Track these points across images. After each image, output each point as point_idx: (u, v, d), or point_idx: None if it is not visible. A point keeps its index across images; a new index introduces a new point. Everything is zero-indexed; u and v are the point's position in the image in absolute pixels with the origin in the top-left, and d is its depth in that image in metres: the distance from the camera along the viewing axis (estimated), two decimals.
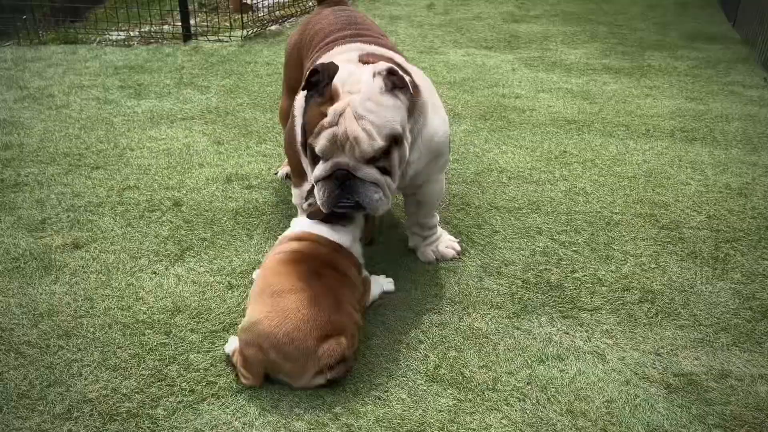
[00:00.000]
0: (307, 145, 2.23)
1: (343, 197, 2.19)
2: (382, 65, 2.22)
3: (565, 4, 7.95)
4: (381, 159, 2.18)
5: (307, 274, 2.16)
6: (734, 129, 4.12)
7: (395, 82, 2.20)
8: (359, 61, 2.34)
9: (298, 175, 2.68)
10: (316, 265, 2.20)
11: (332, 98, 2.15)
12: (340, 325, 2.07)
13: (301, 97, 2.37)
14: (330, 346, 2.01)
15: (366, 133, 2.11)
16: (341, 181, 2.16)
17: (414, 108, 2.35)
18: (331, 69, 2.18)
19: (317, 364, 2.01)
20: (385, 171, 2.22)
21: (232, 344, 2.18)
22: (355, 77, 2.19)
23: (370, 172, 2.17)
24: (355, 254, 2.38)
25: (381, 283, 2.56)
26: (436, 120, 2.50)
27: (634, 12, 7.53)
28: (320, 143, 2.14)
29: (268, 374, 2.09)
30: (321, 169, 2.18)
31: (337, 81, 2.17)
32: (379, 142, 2.13)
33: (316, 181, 2.22)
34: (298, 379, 2.06)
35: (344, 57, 2.37)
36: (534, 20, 7.15)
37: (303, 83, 2.22)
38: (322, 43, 2.74)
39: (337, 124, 2.12)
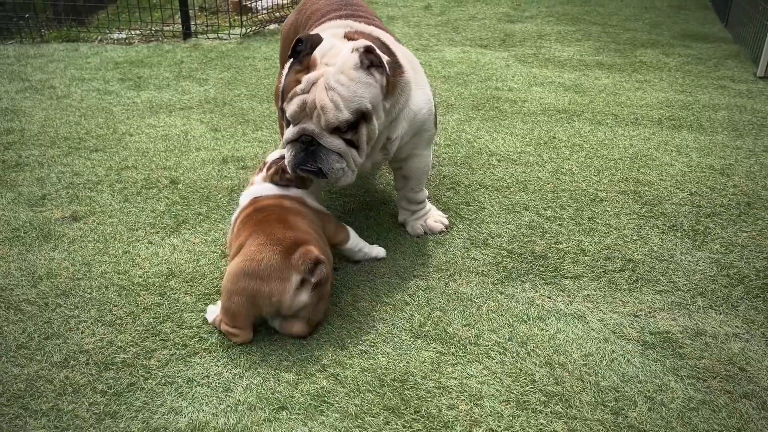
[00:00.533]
0: (282, 109, 2.35)
1: (306, 162, 2.31)
2: (362, 42, 2.32)
3: (559, 6, 8.08)
4: (348, 132, 2.29)
5: (256, 222, 2.25)
6: (721, 117, 4.21)
7: (372, 60, 2.30)
8: (345, 36, 2.43)
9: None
10: (263, 214, 2.28)
11: (309, 68, 2.27)
12: (298, 238, 2.14)
13: (288, 65, 2.48)
14: (300, 252, 2.09)
15: (333, 104, 2.22)
16: (306, 146, 2.28)
17: (395, 87, 2.44)
18: (315, 40, 2.29)
19: (295, 272, 2.07)
20: (352, 144, 2.32)
21: (213, 312, 2.25)
22: (335, 50, 2.29)
23: (334, 142, 2.28)
24: (308, 201, 2.45)
25: (374, 250, 2.66)
26: (421, 97, 2.60)
27: (628, 13, 7.65)
28: (291, 108, 2.26)
29: (257, 324, 2.18)
30: (290, 132, 2.31)
31: (318, 52, 2.28)
32: (345, 114, 2.23)
33: (286, 143, 2.35)
34: (285, 299, 2.08)
35: (332, 31, 2.47)
36: (529, 20, 7.27)
37: (289, 51, 2.32)
38: (318, 23, 2.84)
39: (308, 92, 2.23)
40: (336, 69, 2.25)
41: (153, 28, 6.66)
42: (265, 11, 7.36)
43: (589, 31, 6.73)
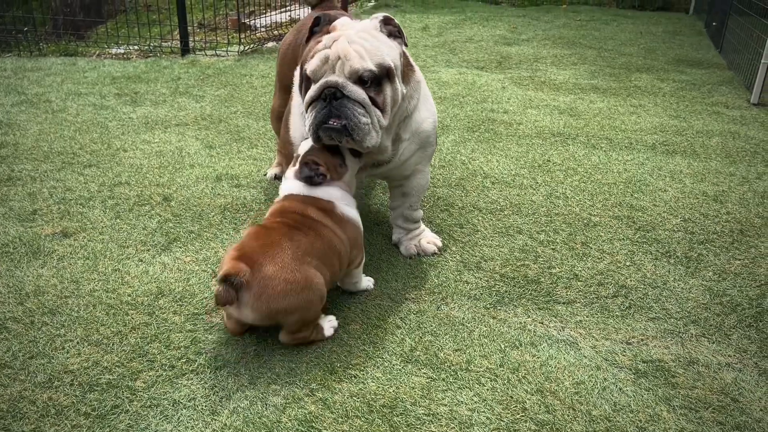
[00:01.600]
0: (302, 81, 2.31)
1: (330, 117, 2.21)
2: (380, 15, 2.39)
3: (555, 30, 8.15)
4: (372, 87, 2.23)
5: (260, 225, 2.24)
6: (714, 144, 4.23)
7: (390, 30, 2.35)
8: None
9: (289, 162, 2.77)
10: (277, 221, 2.24)
11: (328, 32, 2.30)
12: (252, 255, 2.08)
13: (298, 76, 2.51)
14: (229, 264, 2.03)
15: (357, 53, 2.20)
16: (329, 101, 2.20)
17: (410, 79, 2.47)
18: (332, 16, 2.34)
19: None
20: (376, 104, 2.25)
21: None
22: (353, 23, 2.35)
23: (358, 91, 2.21)
24: (342, 208, 2.33)
25: (365, 283, 2.60)
26: (428, 108, 2.64)
27: (623, 38, 7.72)
28: (312, 64, 2.22)
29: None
30: (312, 90, 2.23)
31: (337, 23, 2.34)
32: (369, 64, 2.21)
33: (308, 106, 2.26)
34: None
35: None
36: (525, 43, 7.32)
37: (307, 38, 2.38)
38: None
39: (330, 47, 2.22)
40: (358, 28, 2.29)
41: (152, 44, 6.68)
42: (263, 29, 7.39)
43: (584, 55, 6.78)
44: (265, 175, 3.59)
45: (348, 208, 2.38)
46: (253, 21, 7.66)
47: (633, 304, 2.54)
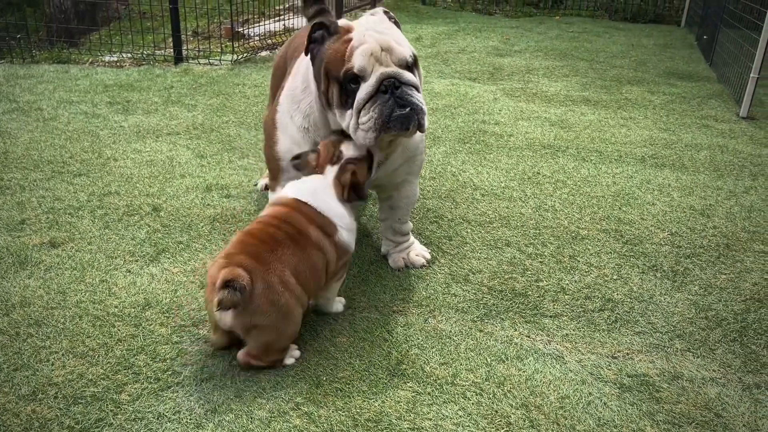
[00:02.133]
0: (331, 83, 2.29)
1: (396, 107, 2.21)
2: (378, 9, 2.43)
3: (548, 41, 8.20)
4: (413, 71, 2.29)
5: (255, 235, 2.18)
6: (702, 157, 4.26)
7: (395, 21, 2.42)
8: None
9: (275, 177, 2.76)
10: (271, 229, 2.19)
11: (348, 30, 2.30)
12: (246, 265, 2.03)
13: (290, 84, 2.52)
14: (227, 270, 1.98)
15: (396, 42, 2.25)
16: (390, 92, 2.20)
17: None
18: (335, 22, 2.37)
19: (216, 287, 1.97)
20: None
21: None
22: (360, 20, 2.39)
23: (412, 77, 2.25)
24: (335, 216, 2.29)
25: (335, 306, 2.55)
26: None
27: (615, 50, 7.77)
28: (357, 61, 2.21)
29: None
30: (367, 86, 2.21)
31: (346, 23, 2.36)
32: (408, 51, 2.26)
33: (361, 106, 2.22)
34: (211, 309, 2.07)
35: None
36: (517, 54, 7.37)
37: (306, 46, 2.38)
38: None
39: (367, 42, 2.23)
40: (376, 20, 2.34)
41: (145, 52, 6.68)
42: (257, 38, 7.41)
43: (576, 67, 6.82)
44: (255, 185, 3.59)
45: (348, 234, 2.32)
46: (247, 30, 7.68)
47: (619, 317, 2.55)
